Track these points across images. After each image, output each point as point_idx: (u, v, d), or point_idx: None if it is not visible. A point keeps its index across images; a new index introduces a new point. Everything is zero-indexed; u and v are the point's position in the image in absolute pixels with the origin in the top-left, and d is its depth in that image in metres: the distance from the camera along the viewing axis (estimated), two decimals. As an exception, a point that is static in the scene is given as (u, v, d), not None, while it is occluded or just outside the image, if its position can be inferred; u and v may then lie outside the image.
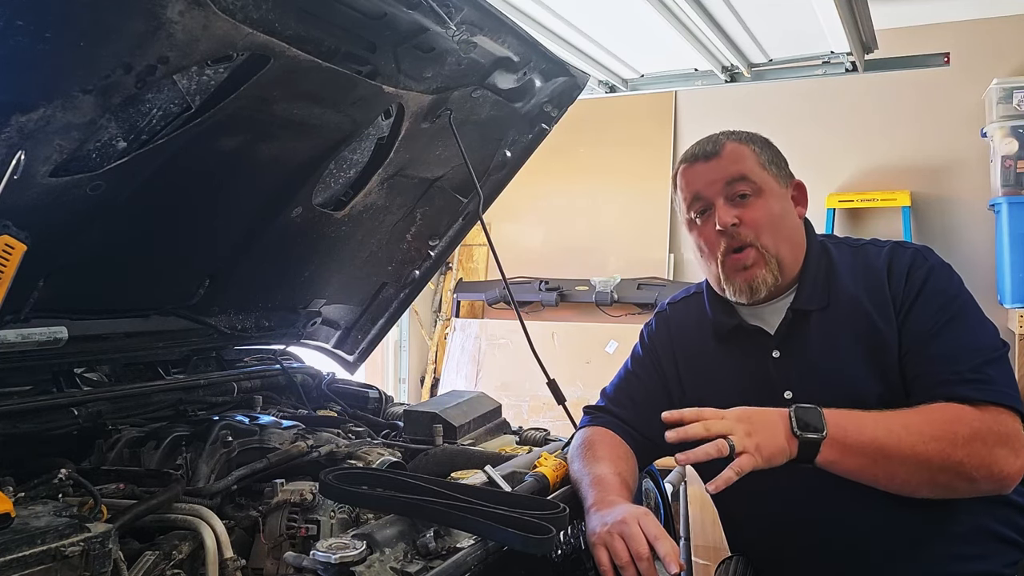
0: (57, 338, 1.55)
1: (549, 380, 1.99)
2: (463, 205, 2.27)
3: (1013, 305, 3.46)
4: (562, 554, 1.41)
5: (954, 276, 1.50)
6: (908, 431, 1.33)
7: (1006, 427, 1.35)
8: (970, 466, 1.32)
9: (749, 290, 1.52)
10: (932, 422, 1.35)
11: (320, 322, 2.35)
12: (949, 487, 1.35)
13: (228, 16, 1.24)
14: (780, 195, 1.55)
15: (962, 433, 1.33)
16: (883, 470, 1.34)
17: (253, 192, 1.74)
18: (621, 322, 4.32)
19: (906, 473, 1.34)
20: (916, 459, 1.32)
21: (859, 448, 1.33)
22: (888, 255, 1.53)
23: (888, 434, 1.33)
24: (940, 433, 1.33)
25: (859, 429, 1.34)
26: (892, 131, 4.06)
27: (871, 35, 2.68)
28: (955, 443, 1.32)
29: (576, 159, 4.55)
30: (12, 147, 1.17)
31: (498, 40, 1.71)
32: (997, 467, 1.32)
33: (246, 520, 1.34)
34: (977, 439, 1.32)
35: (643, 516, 1.31)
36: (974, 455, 1.32)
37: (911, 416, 1.36)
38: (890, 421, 1.35)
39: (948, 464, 1.32)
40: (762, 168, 1.54)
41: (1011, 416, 1.36)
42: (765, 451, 1.29)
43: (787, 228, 1.54)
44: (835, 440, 1.32)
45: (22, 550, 0.94)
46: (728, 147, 1.56)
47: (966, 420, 1.35)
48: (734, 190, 1.52)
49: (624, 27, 2.64)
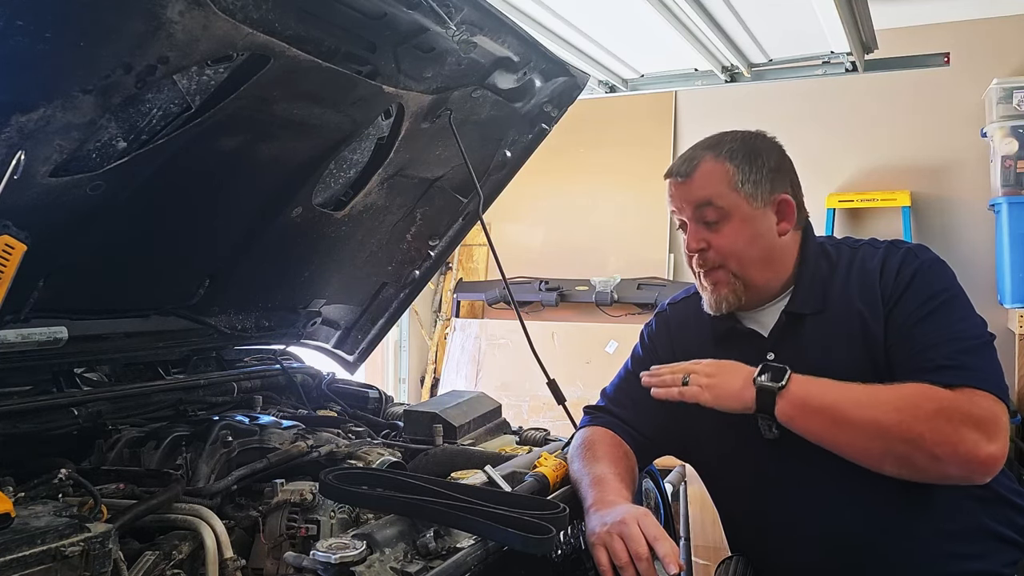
0: (57, 338, 1.55)
1: (549, 380, 1.99)
2: (463, 205, 2.27)
3: (1013, 305, 3.46)
4: (562, 554, 1.41)
5: (945, 273, 1.49)
6: (872, 400, 1.35)
7: (979, 409, 1.33)
8: (931, 441, 1.30)
9: (715, 306, 1.57)
10: (899, 396, 1.35)
11: (320, 322, 2.35)
12: (910, 462, 1.33)
13: (228, 16, 1.24)
14: (752, 217, 1.53)
15: (926, 408, 1.32)
16: (843, 434, 1.36)
17: (253, 192, 1.74)
18: (621, 322, 4.32)
19: (864, 440, 1.34)
20: (875, 427, 1.33)
21: (818, 409, 1.36)
22: (883, 255, 1.53)
23: (850, 401, 1.35)
24: (904, 405, 1.33)
25: (822, 392, 1.38)
26: (892, 131, 4.05)
27: (871, 35, 2.68)
28: (916, 416, 1.31)
29: (576, 159, 4.55)
30: (12, 147, 1.17)
31: (498, 40, 1.71)
32: (964, 447, 1.30)
33: (246, 520, 1.34)
34: (942, 416, 1.31)
35: (643, 516, 1.31)
36: (936, 431, 1.30)
37: (881, 389, 1.36)
38: (857, 390, 1.37)
39: (907, 436, 1.31)
40: (733, 190, 1.52)
41: (990, 400, 1.34)
42: (715, 390, 1.41)
43: (758, 250, 1.54)
44: (794, 396, 1.37)
45: (22, 550, 0.94)
46: (701, 169, 1.54)
47: (934, 397, 1.34)
48: (702, 215, 1.54)
49: (624, 27, 2.64)
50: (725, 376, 1.43)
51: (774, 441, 1.49)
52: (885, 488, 1.41)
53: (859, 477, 1.41)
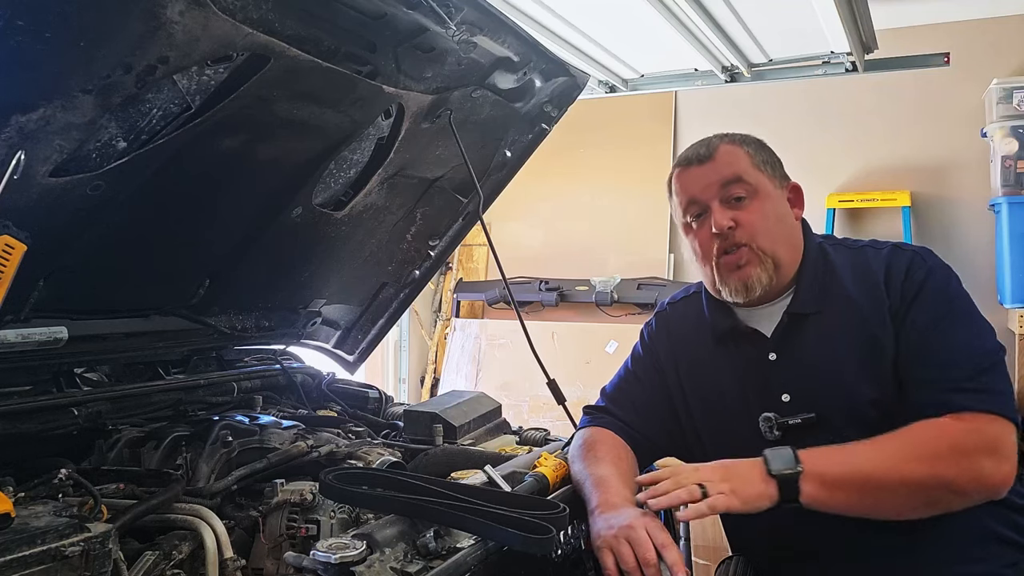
0: (57, 338, 1.55)
1: (549, 380, 1.99)
2: (463, 205, 2.27)
3: (1013, 305, 3.46)
4: (562, 554, 1.41)
5: (953, 278, 1.49)
6: (887, 455, 1.34)
7: (990, 435, 1.34)
8: (960, 480, 1.32)
9: (744, 288, 1.51)
10: (910, 443, 1.35)
11: (320, 322, 2.35)
12: (943, 503, 1.35)
13: (228, 16, 1.24)
14: (776, 196, 1.55)
15: (942, 448, 1.33)
16: (874, 499, 1.34)
17: (253, 192, 1.74)
18: (621, 322, 4.32)
19: (898, 497, 1.34)
20: (903, 482, 1.32)
21: (841, 480, 1.34)
22: (887, 257, 1.52)
23: (868, 462, 1.34)
24: (922, 453, 1.33)
25: (836, 461, 1.35)
26: (892, 131, 4.05)
27: (871, 35, 2.68)
28: (939, 460, 1.32)
29: (576, 159, 4.55)
30: (12, 147, 1.17)
31: (498, 40, 1.71)
32: (985, 476, 1.32)
33: (246, 520, 1.34)
34: (958, 452, 1.32)
35: (650, 522, 1.31)
36: (960, 469, 1.32)
37: (887, 441, 1.36)
38: (867, 450, 1.35)
39: (937, 481, 1.32)
40: (757, 169, 1.54)
41: (999, 422, 1.36)
42: (741, 494, 1.32)
43: (784, 229, 1.54)
44: (813, 474, 1.33)
45: (22, 550, 0.94)
46: (722, 149, 1.55)
47: (946, 435, 1.35)
48: (729, 192, 1.51)
49: (624, 27, 2.64)
50: (740, 477, 1.35)
51: (775, 442, 1.49)
52: None
53: None
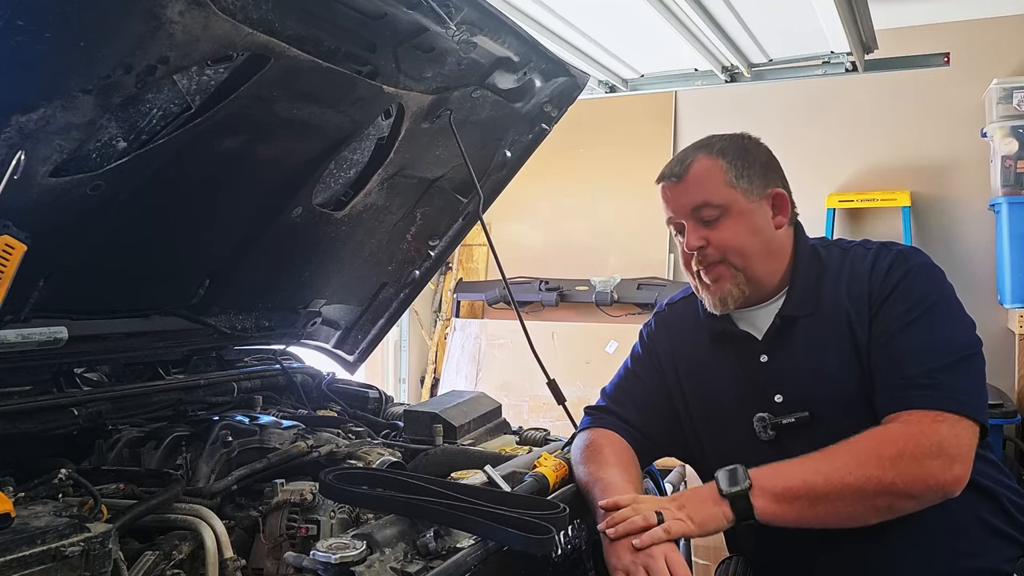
0: (57, 338, 1.55)
1: (549, 380, 1.99)
2: (463, 205, 2.27)
3: (1013, 305, 3.46)
4: (562, 554, 1.41)
5: (935, 277, 1.49)
6: (833, 465, 1.34)
7: (936, 436, 1.34)
8: (904, 485, 1.32)
9: (720, 303, 1.56)
10: (856, 451, 1.35)
11: (320, 322, 2.35)
12: (892, 509, 1.34)
13: (228, 16, 1.24)
14: (750, 210, 1.54)
15: (888, 454, 1.33)
16: (824, 510, 1.34)
17: (253, 192, 1.74)
18: (621, 322, 4.32)
19: (847, 507, 1.34)
20: (850, 490, 1.32)
21: (790, 493, 1.34)
22: (873, 256, 1.52)
23: (813, 473, 1.35)
24: (866, 459, 1.33)
25: (784, 476, 1.36)
26: (892, 131, 4.06)
27: (871, 35, 2.68)
28: (883, 467, 1.32)
29: (576, 159, 4.55)
30: (12, 147, 1.17)
31: (498, 40, 1.71)
32: (932, 479, 1.32)
33: (246, 520, 1.34)
34: (905, 457, 1.32)
35: (670, 551, 1.32)
36: (905, 474, 1.31)
37: (835, 451, 1.37)
38: (814, 461, 1.37)
39: (882, 489, 1.32)
40: (728, 186, 1.53)
41: (948, 421, 1.35)
42: (696, 517, 1.36)
43: (758, 242, 1.54)
44: (763, 489, 1.34)
45: (22, 550, 0.94)
46: (694, 168, 1.55)
47: (892, 439, 1.35)
48: (700, 215, 1.54)
49: (624, 27, 2.64)
50: (694, 502, 1.38)
51: (770, 442, 1.50)
52: None
53: None
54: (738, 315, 1.60)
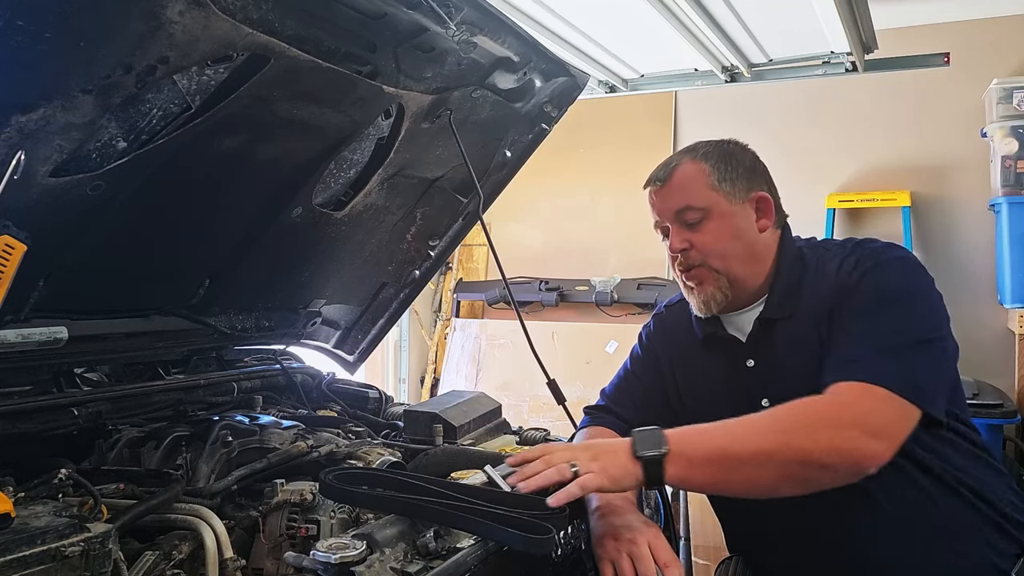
0: (57, 338, 1.55)
1: (549, 380, 1.99)
2: (463, 205, 2.27)
3: (1013, 305, 3.46)
4: (562, 554, 1.41)
5: (903, 271, 1.47)
6: (750, 431, 1.32)
7: (861, 408, 1.31)
8: (818, 452, 1.27)
9: (704, 305, 1.57)
10: (776, 418, 1.33)
11: (320, 322, 2.35)
12: (805, 479, 1.30)
13: (228, 16, 1.24)
14: (732, 213, 1.54)
15: (805, 420, 1.31)
16: (735, 475, 1.31)
17: (253, 192, 1.74)
18: (621, 322, 4.32)
19: (760, 473, 1.30)
20: (762, 456, 1.29)
21: (705, 458, 1.31)
22: (845, 255, 1.53)
23: (731, 438, 1.32)
24: (783, 426, 1.31)
25: (701, 440, 1.33)
26: (892, 131, 4.06)
27: (871, 35, 2.68)
28: (798, 433, 1.29)
29: (576, 159, 4.55)
30: (12, 147, 1.16)
31: (498, 40, 1.71)
32: (847, 450, 1.28)
33: (246, 520, 1.34)
34: (822, 424, 1.29)
35: (654, 537, 1.32)
36: (820, 440, 1.28)
37: (757, 417, 1.34)
38: (734, 426, 1.34)
39: (795, 455, 1.28)
40: (710, 189, 1.54)
41: (879, 396, 1.31)
42: (610, 472, 1.29)
43: (740, 246, 1.55)
44: (678, 455, 1.30)
45: (22, 550, 0.94)
46: (679, 172, 1.56)
47: (814, 406, 1.33)
48: (683, 218, 1.55)
49: (624, 27, 2.64)
50: (608, 456, 1.32)
51: None
52: (881, 486, 1.41)
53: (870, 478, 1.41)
54: (726, 319, 1.61)
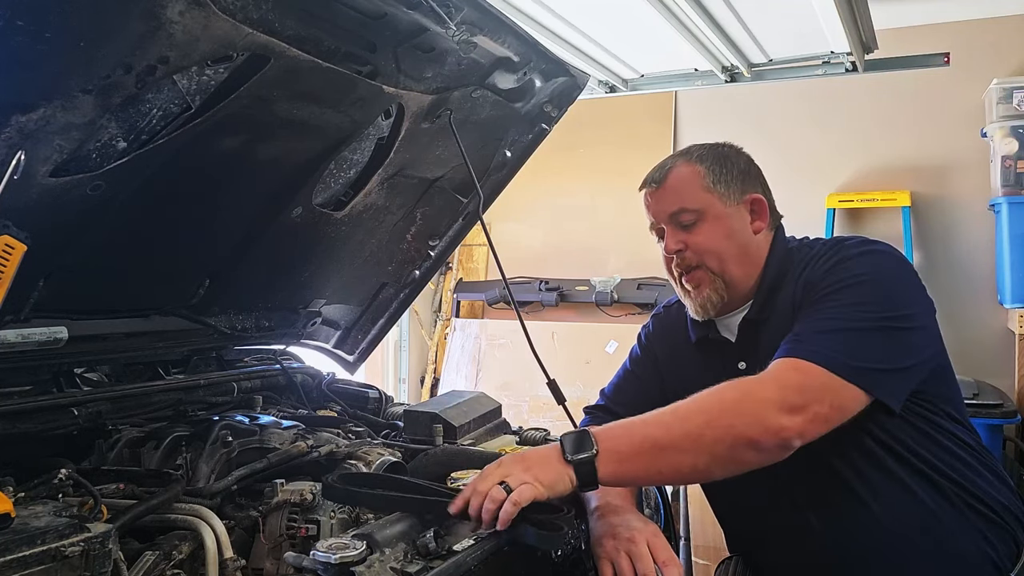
0: (57, 338, 1.55)
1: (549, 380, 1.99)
2: (463, 205, 2.27)
3: (1013, 305, 3.46)
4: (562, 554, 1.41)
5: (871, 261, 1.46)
6: (675, 416, 1.31)
7: (787, 382, 1.30)
8: (742, 426, 1.26)
9: (701, 308, 1.58)
10: (700, 400, 1.32)
11: (320, 322, 2.35)
12: (736, 459, 1.29)
13: (228, 16, 1.24)
14: (726, 215, 1.55)
15: (728, 398, 1.30)
16: (665, 463, 1.30)
17: (253, 192, 1.74)
18: (621, 322, 4.32)
19: (687, 459, 1.29)
20: (688, 439, 1.28)
21: (634, 452, 1.30)
22: (825, 249, 1.53)
23: (657, 426, 1.31)
24: (706, 406, 1.30)
25: (628, 433, 1.32)
26: (892, 131, 4.05)
27: (871, 35, 2.68)
28: (723, 410, 1.29)
29: (576, 159, 4.55)
30: (12, 147, 1.16)
31: (498, 40, 1.71)
32: (771, 424, 1.26)
33: (246, 520, 1.34)
34: (745, 400, 1.29)
35: (653, 536, 1.32)
36: (743, 415, 1.27)
37: (682, 403, 1.33)
38: (659, 415, 1.33)
39: (720, 433, 1.27)
40: (705, 191, 1.55)
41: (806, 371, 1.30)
42: (544, 479, 1.26)
43: (734, 247, 1.55)
44: (608, 452, 1.29)
45: (22, 550, 0.94)
46: (673, 173, 1.58)
47: (738, 386, 1.32)
48: (678, 219, 1.56)
49: (624, 27, 2.64)
50: (539, 463, 1.29)
51: None
52: (880, 485, 1.41)
53: (854, 475, 1.41)
54: (718, 321, 1.63)
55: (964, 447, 1.49)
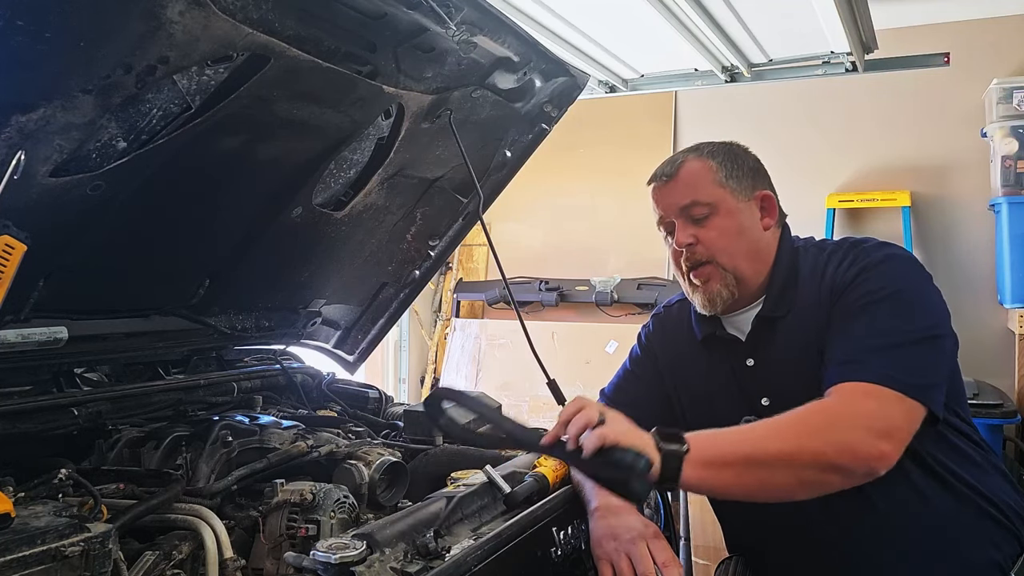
0: (57, 338, 1.55)
1: (549, 380, 1.99)
2: (463, 205, 2.27)
3: (1013, 305, 3.46)
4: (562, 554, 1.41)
5: (898, 269, 1.47)
6: (765, 434, 1.31)
7: (865, 409, 1.31)
8: (833, 454, 1.27)
9: (709, 303, 1.56)
10: (787, 421, 1.32)
11: (320, 322, 2.35)
12: (822, 482, 1.30)
13: (228, 16, 1.24)
14: (738, 210, 1.55)
15: (817, 423, 1.31)
16: (753, 478, 1.30)
17: (253, 192, 1.74)
18: (621, 322, 4.31)
19: (774, 477, 1.29)
20: (779, 459, 1.28)
21: (724, 461, 1.29)
22: (841, 255, 1.53)
23: (746, 442, 1.31)
24: (796, 429, 1.30)
25: (717, 443, 1.31)
26: (892, 131, 4.05)
27: (871, 35, 2.68)
28: (812, 435, 1.29)
29: (576, 159, 4.55)
30: (12, 147, 1.16)
31: (498, 40, 1.71)
32: (859, 451, 1.28)
33: (246, 520, 1.34)
34: (833, 426, 1.30)
35: (653, 537, 1.32)
36: (833, 443, 1.27)
37: (769, 422, 1.34)
38: (748, 430, 1.34)
39: (810, 458, 1.28)
40: (718, 185, 1.55)
41: (881, 397, 1.31)
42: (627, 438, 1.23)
43: (745, 243, 1.55)
44: (699, 454, 1.27)
45: (22, 550, 0.94)
46: (685, 167, 1.57)
47: (822, 410, 1.32)
48: (690, 213, 1.55)
49: (624, 27, 2.64)
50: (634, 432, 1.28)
51: None
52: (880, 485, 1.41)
53: None
54: (725, 319, 1.62)
55: (973, 446, 1.49)
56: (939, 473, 1.44)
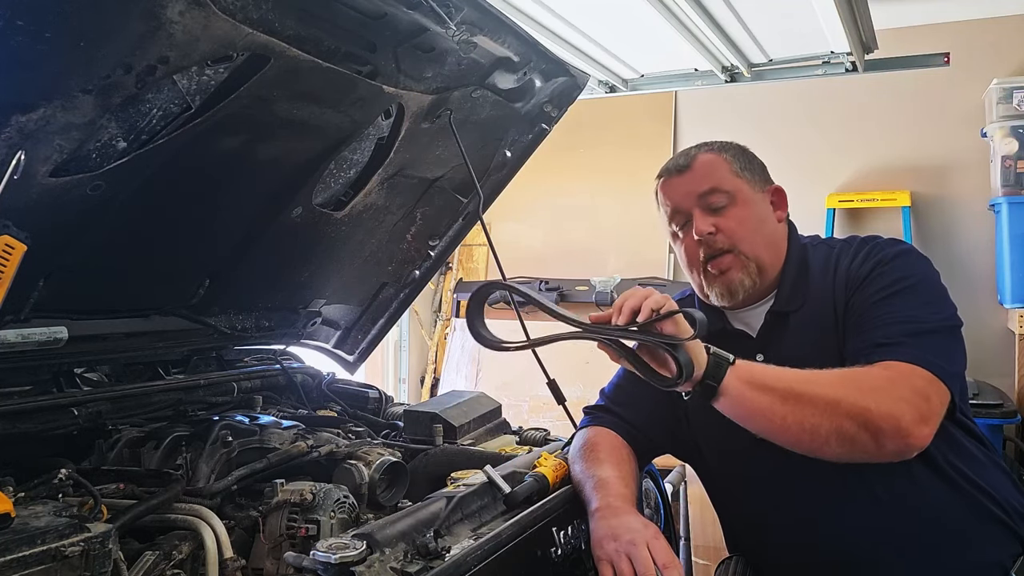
0: (57, 338, 1.55)
1: (549, 380, 1.99)
2: (463, 205, 2.27)
3: (1013, 305, 3.46)
4: (562, 554, 1.41)
5: (912, 262, 1.49)
6: (815, 378, 1.32)
7: (914, 384, 1.31)
8: (877, 415, 1.27)
9: (729, 293, 1.55)
10: (843, 373, 1.33)
11: (320, 322, 2.35)
12: (853, 440, 1.29)
13: (228, 16, 1.24)
14: (755, 200, 1.57)
15: (868, 383, 1.31)
16: (791, 411, 1.30)
17: (253, 192, 1.74)
18: (621, 322, 4.31)
19: (814, 416, 1.29)
20: (823, 402, 1.29)
21: (768, 385, 1.31)
22: (854, 251, 1.54)
23: (797, 378, 1.32)
24: (848, 382, 1.31)
25: (766, 370, 1.35)
26: (892, 131, 4.05)
27: (871, 35, 2.68)
28: (861, 390, 1.29)
29: (576, 159, 4.55)
30: (12, 147, 1.17)
31: (498, 40, 1.71)
32: (904, 421, 1.27)
33: (246, 520, 1.34)
34: (884, 390, 1.30)
35: (653, 538, 1.31)
36: (881, 404, 1.27)
37: (822, 371, 1.34)
38: (799, 372, 1.34)
39: (854, 411, 1.27)
40: (735, 175, 1.56)
41: (925, 377, 1.32)
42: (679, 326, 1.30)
43: (764, 232, 1.56)
44: (746, 370, 1.31)
45: (22, 550, 0.94)
46: (700, 159, 1.58)
47: (874, 373, 1.33)
48: (708, 202, 1.55)
49: (624, 27, 2.64)
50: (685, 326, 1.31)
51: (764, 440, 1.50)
52: (880, 485, 1.41)
53: (854, 475, 1.41)
54: (732, 315, 1.62)
55: (976, 443, 1.49)
56: (943, 468, 1.43)
